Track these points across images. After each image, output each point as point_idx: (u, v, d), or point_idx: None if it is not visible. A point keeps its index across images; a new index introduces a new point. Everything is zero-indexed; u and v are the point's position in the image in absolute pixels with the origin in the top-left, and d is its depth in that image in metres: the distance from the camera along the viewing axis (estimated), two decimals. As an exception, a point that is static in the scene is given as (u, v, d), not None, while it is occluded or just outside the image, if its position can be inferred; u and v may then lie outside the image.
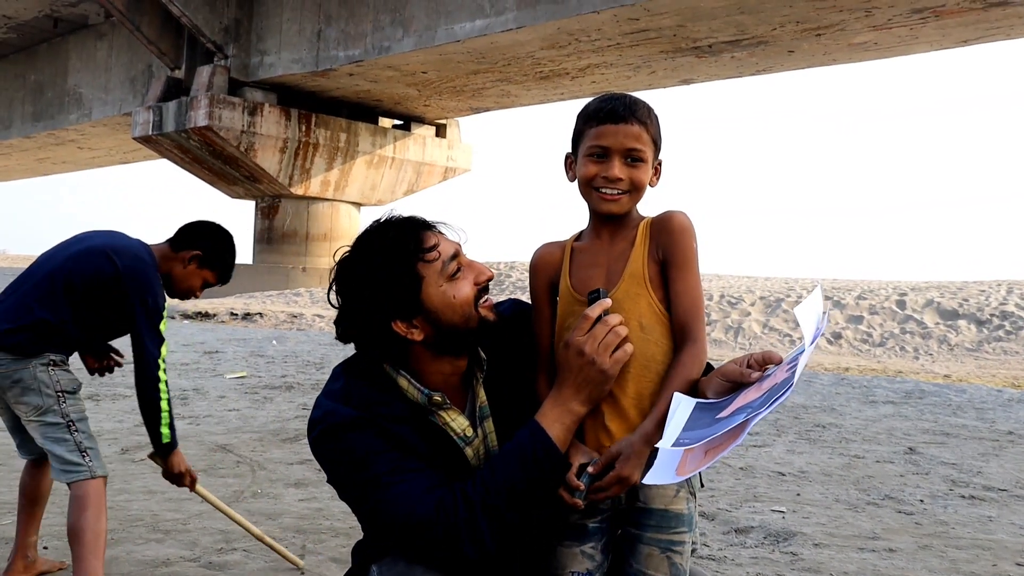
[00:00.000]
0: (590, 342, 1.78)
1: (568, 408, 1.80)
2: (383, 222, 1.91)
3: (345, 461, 1.84)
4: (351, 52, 18.30)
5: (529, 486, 1.78)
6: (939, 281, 20.48)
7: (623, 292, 1.85)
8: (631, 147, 1.85)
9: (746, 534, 4.21)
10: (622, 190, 1.87)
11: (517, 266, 25.79)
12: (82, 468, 3.16)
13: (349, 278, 1.87)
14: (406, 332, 1.86)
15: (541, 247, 2.04)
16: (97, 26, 26.08)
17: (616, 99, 1.90)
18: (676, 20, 14.15)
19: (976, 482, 5.35)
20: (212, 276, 3.51)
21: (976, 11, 13.12)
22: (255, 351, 11.65)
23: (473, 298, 1.89)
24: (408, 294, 1.84)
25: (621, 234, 1.92)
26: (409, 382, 1.90)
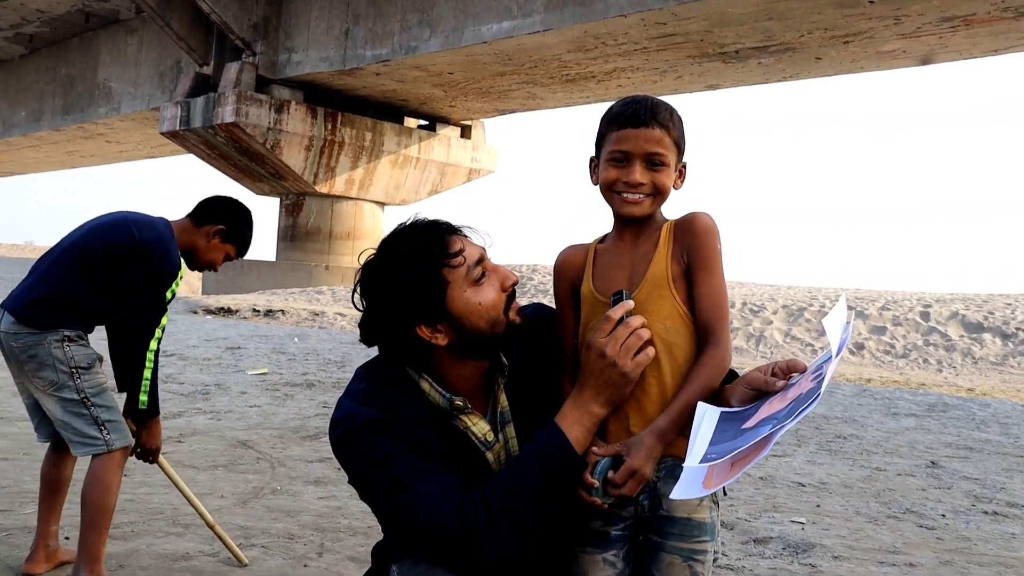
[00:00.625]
0: (612, 344, 1.78)
1: (588, 410, 1.81)
2: (409, 225, 1.90)
3: (366, 462, 1.85)
4: (378, 51, 18.36)
5: (547, 488, 1.78)
6: (964, 293, 20.31)
7: (646, 294, 1.85)
8: (652, 151, 1.85)
9: (765, 544, 4.19)
10: (644, 194, 1.87)
11: (540, 269, 25.78)
12: (99, 441, 3.23)
13: (374, 281, 1.87)
14: (430, 337, 1.86)
15: (565, 250, 2.04)
16: (128, 21, 26.28)
17: (638, 102, 1.89)
18: (704, 25, 14.11)
19: (999, 498, 5.29)
20: (233, 250, 3.60)
21: (1007, 20, 13.01)
22: (277, 348, 11.70)
23: (502, 303, 1.89)
24: (433, 299, 1.84)
25: (644, 236, 1.92)
26: (431, 386, 1.91)
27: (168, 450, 5.44)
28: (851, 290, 21.66)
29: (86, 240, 3.31)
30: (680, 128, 1.91)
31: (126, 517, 4.06)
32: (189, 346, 11.05)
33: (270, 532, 4.00)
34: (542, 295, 21.65)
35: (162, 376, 8.37)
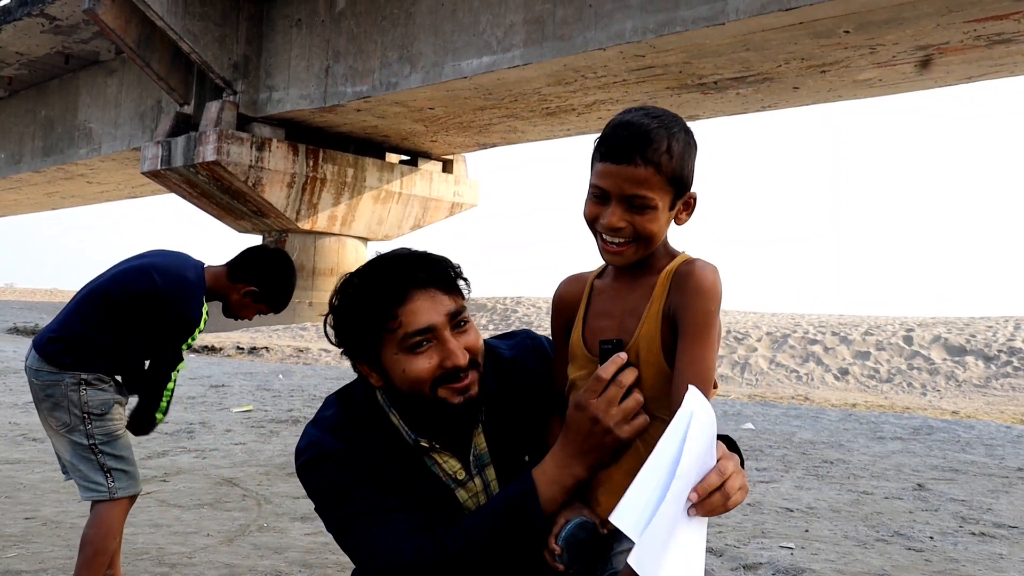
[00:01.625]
0: (604, 408, 1.64)
1: (571, 471, 1.69)
2: (377, 265, 1.81)
3: (326, 494, 1.80)
4: (359, 88, 18.44)
5: (507, 544, 1.70)
6: (946, 317, 20.43)
7: (633, 355, 1.66)
8: (632, 194, 1.60)
9: (755, 570, 4.18)
10: (625, 239, 1.64)
11: (523, 301, 25.80)
12: (102, 488, 3.24)
13: (335, 309, 1.83)
14: (368, 374, 1.82)
15: (564, 281, 1.86)
16: (107, 62, 26.33)
17: (629, 128, 1.61)
18: (682, 57, 14.25)
19: (986, 519, 5.31)
20: (266, 309, 3.59)
21: (980, 48, 13.20)
22: (261, 385, 11.64)
23: (428, 378, 1.75)
24: (367, 348, 1.79)
25: (641, 280, 1.70)
26: (399, 421, 1.83)
27: (153, 489, 5.40)
28: (835, 316, 21.75)
29: (110, 283, 3.34)
30: (681, 160, 1.62)
31: (111, 557, 4.02)
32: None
33: (257, 570, 3.97)
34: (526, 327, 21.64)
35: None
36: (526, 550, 1.71)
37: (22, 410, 8.54)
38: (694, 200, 1.70)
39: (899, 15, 12.03)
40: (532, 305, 25.25)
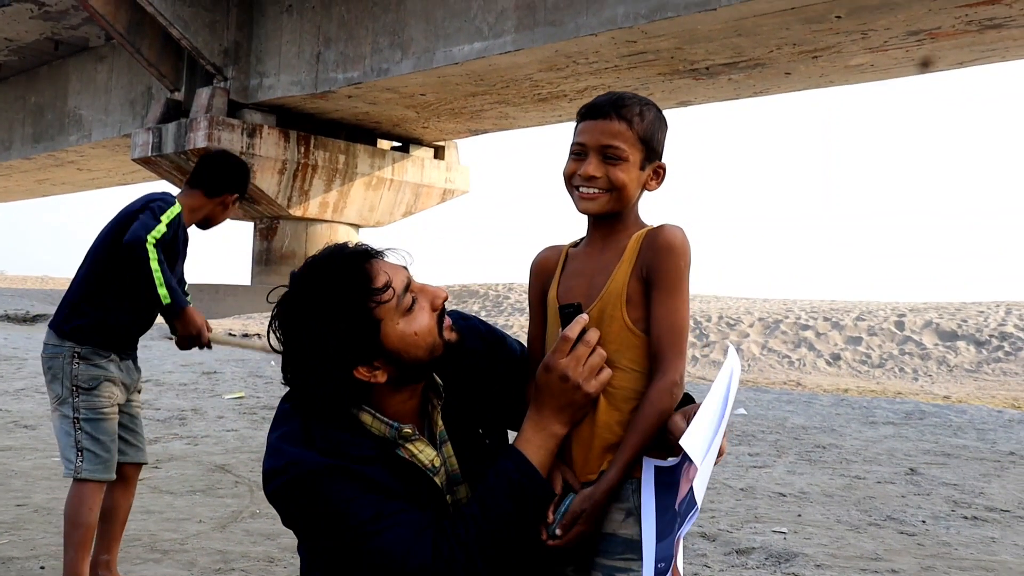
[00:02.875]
0: (573, 365, 1.70)
1: (551, 432, 1.74)
2: (325, 259, 1.75)
3: (321, 514, 1.69)
4: (350, 74, 18.36)
5: (520, 518, 1.72)
6: (938, 302, 20.48)
7: (598, 310, 1.76)
8: (607, 144, 1.76)
9: (747, 555, 4.19)
10: (600, 188, 1.77)
11: (516, 287, 25.79)
12: (70, 465, 3.29)
13: (298, 327, 1.73)
14: (369, 376, 1.73)
15: (541, 251, 1.96)
16: (97, 48, 26.17)
17: (607, 95, 1.83)
18: (673, 43, 14.22)
19: (978, 503, 5.33)
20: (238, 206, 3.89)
21: (971, 33, 13.19)
22: (253, 371, 11.62)
23: (435, 326, 1.78)
24: (367, 340, 1.71)
25: (612, 244, 1.82)
26: (374, 417, 1.77)
27: (145, 476, 5.38)
28: (827, 301, 21.80)
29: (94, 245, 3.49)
30: (651, 126, 1.81)
31: (103, 544, 4.00)
32: (165, 372, 10.96)
33: (249, 556, 3.96)
34: (518, 313, 21.65)
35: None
36: (535, 516, 1.72)
37: (13, 397, 8.52)
38: (663, 170, 1.86)
39: (891, 0, 12.02)
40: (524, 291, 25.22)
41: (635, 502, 1.71)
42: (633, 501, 1.71)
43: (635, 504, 1.71)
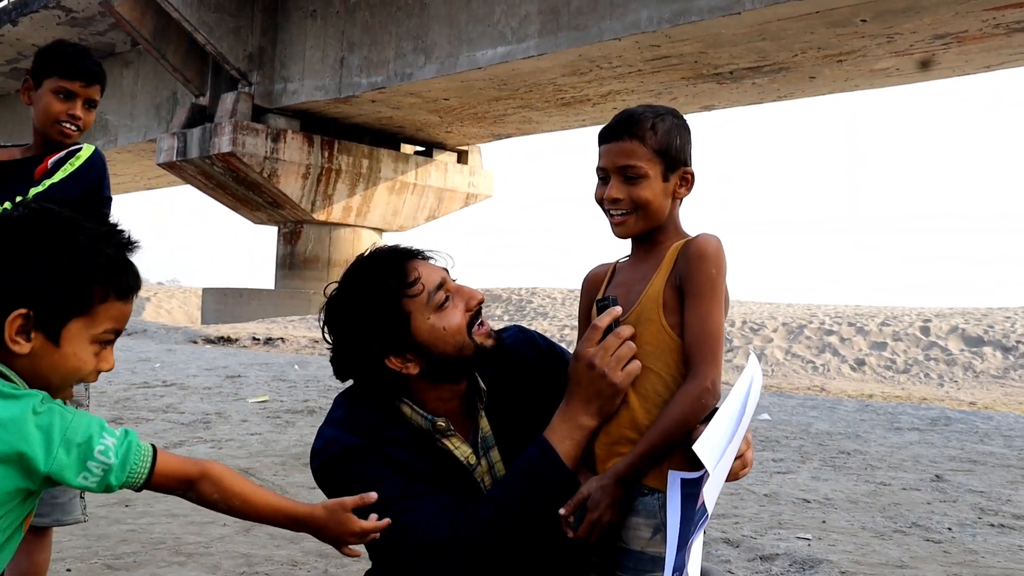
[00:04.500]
0: (600, 354, 1.74)
1: (578, 423, 1.77)
2: (366, 257, 1.90)
3: (353, 490, 1.80)
4: (373, 79, 18.45)
5: (539, 504, 1.76)
6: (963, 307, 20.31)
7: (636, 316, 1.80)
8: (623, 164, 1.80)
9: (771, 561, 4.16)
10: (624, 210, 1.82)
11: (539, 292, 25.79)
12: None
13: (338, 317, 1.88)
14: (401, 367, 1.85)
15: (593, 268, 2.01)
16: (123, 54, 26.42)
17: (619, 116, 1.85)
18: (697, 47, 14.19)
19: (1005, 510, 5.27)
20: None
21: (999, 36, 13.09)
22: (277, 375, 11.68)
23: (465, 325, 1.86)
24: (397, 331, 1.83)
25: (653, 254, 1.85)
26: (412, 409, 1.89)
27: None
28: (851, 306, 21.66)
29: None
30: (666, 136, 1.82)
31: (128, 548, 4.04)
32: (189, 375, 11.03)
33: (273, 559, 3.98)
34: (541, 318, 21.64)
35: (162, 406, 8.36)
36: (555, 505, 1.75)
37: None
38: (691, 176, 1.87)
39: (917, 3, 11.94)
40: (547, 296, 25.25)
41: (662, 518, 1.71)
42: (660, 517, 1.72)
43: (662, 520, 1.71)
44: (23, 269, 1.41)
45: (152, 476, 1.51)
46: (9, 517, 1.45)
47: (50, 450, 1.40)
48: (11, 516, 1.46)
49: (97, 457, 1.44)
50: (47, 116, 2.75)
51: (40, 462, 1.40)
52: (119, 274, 1.50)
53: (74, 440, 1.42)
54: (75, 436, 1.43)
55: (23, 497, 1.45)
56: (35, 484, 1.44)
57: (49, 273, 1.42)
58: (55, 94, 2.75)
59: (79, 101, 2.80)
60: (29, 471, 1.41)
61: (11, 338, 1.42)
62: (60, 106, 2.75)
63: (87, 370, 1.50)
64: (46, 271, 1.42)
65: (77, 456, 1.43)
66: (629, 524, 1.73)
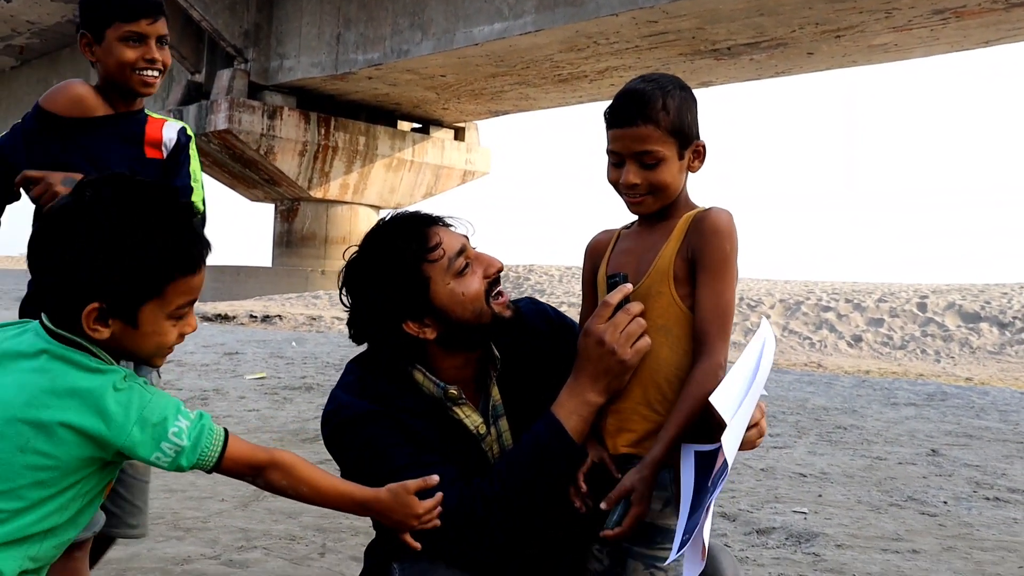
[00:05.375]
0: (610, 331, 1.73)
1: (585, 399, 1.76)
2: (388, 221, 1.90)
3: (362, 455, 1.83)
4: (370, 55, 18.36)
5: (545, 480, 1.76)
6: (960, 284, 20.33)
7: (646, 288, 1.78)
8: (640, 150, 1.77)
9: (768, 535, 4.18)
10: (642, 194, 1.80)
11: (536, 269, 25.79)
12: None
13: (358, 281, 1.88)
14: (418, 332, 1.85)
15: (596, 234, 1.99)
16: (118, 31, 26.30)
17: (628, 95, 1.80)
18: (695, 23, 14.13)
19: (1000, 484, 5.30)
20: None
21: (998, 11, 13.04)
22: (275, 352, 11.69)
23: (484, 292, 1.87)
24: (416, 295, 1.83)
25: (662, 225, 1.83)
26: (425, 376, 1.89)
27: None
28: (848, 283, 21.68)
29: None
30: (678, 114, 1.78)
31: (127, 522, 4.05)
32: (187, 352, 11.03)
33: (271, 534, 4.00)
34: (538, 294, 21.65)
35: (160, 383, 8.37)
36: (562, 481, 1.77)
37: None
38: (703, 148, 1.84)
39: (916, -22, 11.89)
40: (544, 273, 25.25)
41: (673, 491, 1.72)
42: (671, 490, 1.73)
43: (673, 493, 1.72)
44: (91, 263, 1.44)
45: (222, 460, 1.56)
46: (89, 483, 1.52)
47: (125, 426, 1.46)
48: (91, 482, 1.52)
49: (171, 438, 1.50)
50: (123, 68, 2.44)
51: (113, 436, 1.46)
52: (184, 252, 1.52)
53: (150, 419, 1.48)
54: (151, 415, 1.49)
55: (100, 465, 1.51)
56: (108, 455, 1.49)
57: (116, 266, 1.45)
58: (123, 41, 2.43)
59: (151, 42, 2.47)
60: (102, 443, 1.46)
61: (90, 328, 1.47)
62: (133, 53, 2.43)
63: (170, 341, 1.57)
64: (112, 264, 1.45)
65: (151, 435, 1.48)
66: None
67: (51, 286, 1.48)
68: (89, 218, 1.46)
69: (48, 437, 1.44)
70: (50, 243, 1.48)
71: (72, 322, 1.48)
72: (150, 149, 2.45)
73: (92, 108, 2.47)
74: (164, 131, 2.50)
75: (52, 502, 1.48)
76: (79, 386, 1.46)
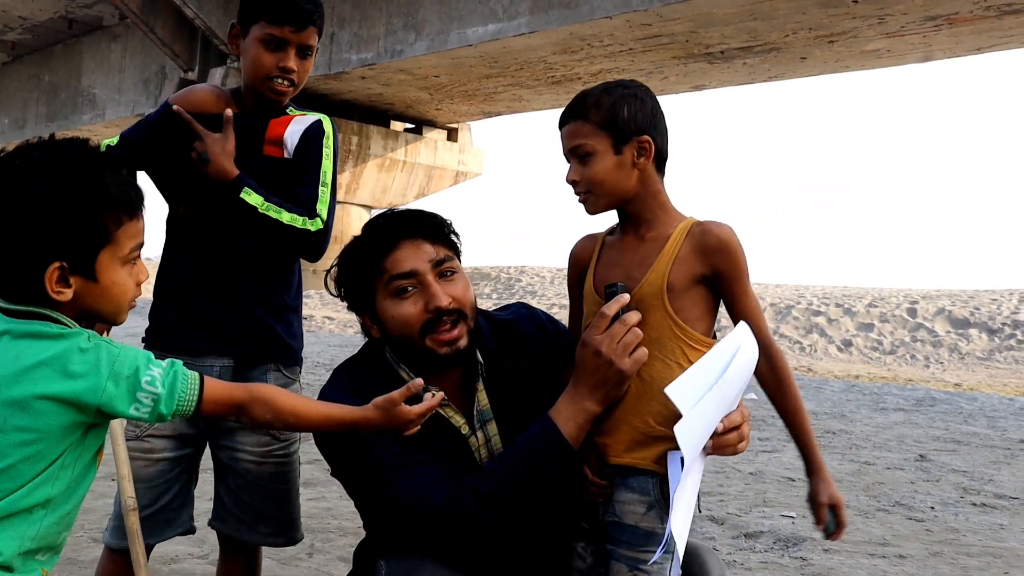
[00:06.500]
0: (607, 342, 1.73)
1: (583, 407, 1.77)
2: (373, 221, 2.00)
3: (350, 454, 1.85)
4: (363, 55, 18.33)
5: (538, 482, 1.77)
6: (950, 289, 20.40)
7: (637, 301, 1.78)
8: (573, 146, 1.83)
9: (756, 539, 4.20)
10: (582, 191, 1.84)
11: (527, 270, 25.78)
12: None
13: (337, 266, 2.02)
14: (369, 326, 1.96)
15: (579, 240, 2.00)
16: (111, 28, 26.19)
17: (571, 100, 1.88)
18: (689, 26, 14.14)
19: (988, 490, 5.32)
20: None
21: (990, 19, 13.07)
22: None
23: (416, 323, 1.88)
24: (366, 299, 1.94)
25: (649, 234, 1.84)
26: (408, 375, 1.92)
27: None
28: (839, 288, 21.73)
29: None
30: (611, 109, 1.81)
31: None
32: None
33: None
34: (529, 296, 21.65)
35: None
36: (555, 484, 1.79)
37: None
38: (648, 144, 1.82)
39: (909, -16, 11.92)
40: (536, 275, 25.25)
41: (655, 495, 1.75)
42: (654, 495, 1.75)
43: (655, 497, 1.75)
44: (43, 224, 1.47)
45: (201, 403, 1.57)
46: (75, 452, 1.53)
47: (99, 383, 1.48)
48: (77, 451, 1.53)
49: (145, 387, 1.51)
50: (256, 71, 2.32)
51: (89, 395, 1.48)
52: (124, 196, 1.55)
53: (122, 372, 1.50)
54: (123, 368, 1.50)
55: (83, 431, 1.52)
56: (90, 416, 1.50)
57: (67, 221, 1.47)
58: (263, 43, 2.30)
59: (292, 50, 2.34)
60: (80, 405, 1.48)
61: (54, 291, 1.49)
62: (271, 58, 2.30)
63: (129, 291, 1.59)
64: (63, 220, 1.47)
65: (126, 388, 1.50)
66: (623, 499, 1.76)
67: (5, 259, 1.49)
68: (26, 183, 1.47)
69: (25, 412, 1.45)
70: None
71: (31, 292, 1.49)
72: (269, 147, 2.34)
73: (212, 107, 2.36)
74: (289, 127, 2.37)
75: (43, 474, 1.49)
76: (45, 356, 1.47)
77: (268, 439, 2.37)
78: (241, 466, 2.40)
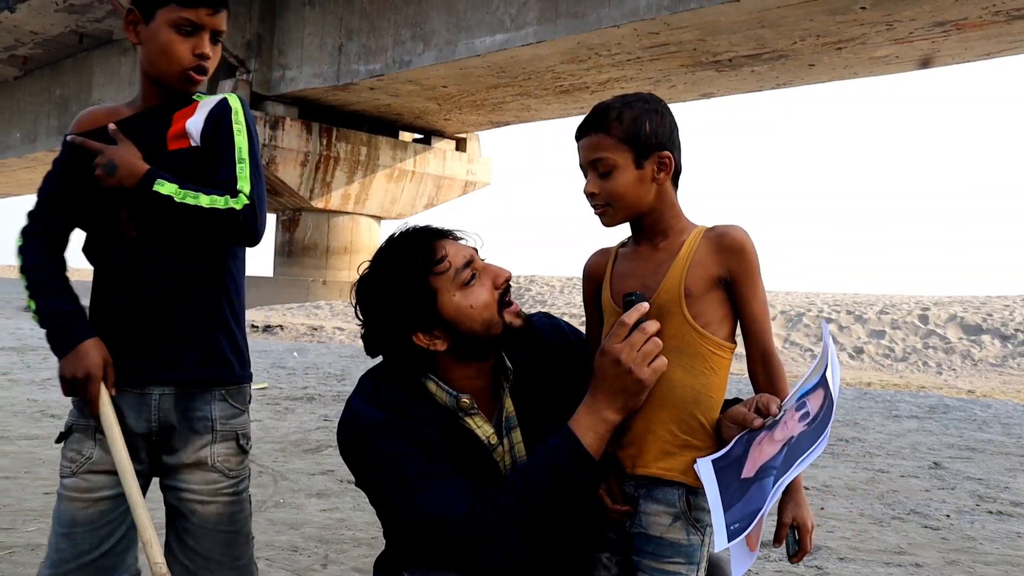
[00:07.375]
0: (627, 351, 1.73)
1: (602, 416, 1.77)
2: (397, 236, 1.93)
3: (374, 463, 1.84)
4: (372, 66, 18.39)
5: (560, 493, 1.77)
6: (962, 296, 20.33)
7: (655, 308, 1.78)
8: (592, 159, 1.81)
9: (770, 548, 4.17)
10: (600, 204, 1.83)
11: (537, 280, 25.78)
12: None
13: (368, 294, 1.91)
14: (428, 343, 1.87)
15: (592, 254, 1.99)
16: (121, 41, 26.32)
17: (592, 109, 1.85)
18: (696, 34, 14.15)
19: (1004, 497, 5.29)
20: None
21: (999, 24, 13.06)
22: (276, 363, 11.69)
23: (495, 303, 1.89)
24: (424, 308, 1.85)
25: (663, 243, 1.84)
26: (438, 385, 1.90)
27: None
28: (849, 294, 21.67)
29: None
30: (633, 124, 1.80)
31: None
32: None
33: (274, 545, 3.99)
34: (540, 305, 21.64)
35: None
36: (576, 495, 1.78)
37: (40, 387, 8.60)
38: (669, 159, 1.82)
39: (917, -10, 11.91)
40: (546, 284, 25.24)
41: (681, 506, 1.76)
42: (680, 506, 1.76)
43: (682, 509, 1.75)
44: None
45: None
46: None
47: None
48: None
49: None
50: (169, 60, 2.10)
51: None
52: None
53: None
54: None
55: None
56: None
57: None
58: (175, 29, 2.09)
59: (206, 35, 2.12)
60: None
61: None
62: (185, 45, 2.09)
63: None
64: None
65: None
66: (649, 510, 1.76)
67: None
68: None
69: None
70: None
71: None
72: (174, 142, 2.12)
73: (104, 122, 2.15)
74: (192, 116, 2.14)
75: None
76: None
77: (216, 476, 2.13)
78: (186, 507, 2.14)
